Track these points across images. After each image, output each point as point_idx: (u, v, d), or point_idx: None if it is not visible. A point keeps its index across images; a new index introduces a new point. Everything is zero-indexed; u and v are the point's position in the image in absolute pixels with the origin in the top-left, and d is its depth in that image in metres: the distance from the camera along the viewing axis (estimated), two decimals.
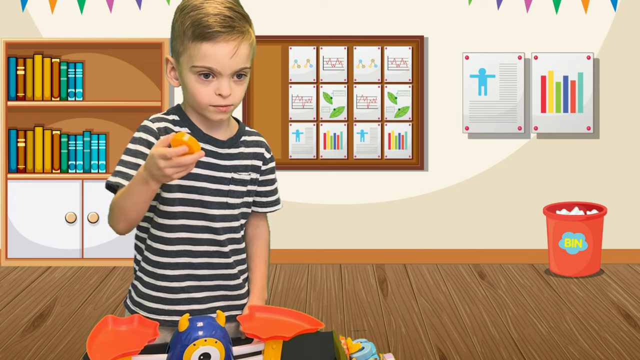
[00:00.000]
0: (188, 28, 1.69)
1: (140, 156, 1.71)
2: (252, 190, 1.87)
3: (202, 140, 1.78)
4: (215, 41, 1.68)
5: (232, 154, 1.82)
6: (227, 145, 1.81)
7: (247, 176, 1.84)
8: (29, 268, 5.03)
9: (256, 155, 1.86)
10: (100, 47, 5.20)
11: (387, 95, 5.20)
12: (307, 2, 5.19)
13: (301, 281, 4.80)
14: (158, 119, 1.78)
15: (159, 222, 1.79)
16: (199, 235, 1.79)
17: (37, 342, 3.70)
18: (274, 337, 1.58)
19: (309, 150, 5.21)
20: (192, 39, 1.69)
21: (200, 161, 1.75)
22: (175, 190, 1.76)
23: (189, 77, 1.72)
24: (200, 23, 1.68)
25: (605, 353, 3.55)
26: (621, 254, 5.18)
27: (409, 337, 3.78)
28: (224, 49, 1.69)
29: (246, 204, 1.86)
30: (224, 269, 1.83)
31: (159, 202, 1.79)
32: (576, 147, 5.20)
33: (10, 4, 5.20)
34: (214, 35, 1.68)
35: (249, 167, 1.85)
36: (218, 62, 1.69)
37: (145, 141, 1.73)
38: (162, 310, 1.83)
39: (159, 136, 1.74)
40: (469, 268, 5.07)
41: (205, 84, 1.71)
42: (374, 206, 5.25)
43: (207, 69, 1.69)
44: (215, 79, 1.71)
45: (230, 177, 1.80)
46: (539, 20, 5.19)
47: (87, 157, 5.17)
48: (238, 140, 1.83)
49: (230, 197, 1.81)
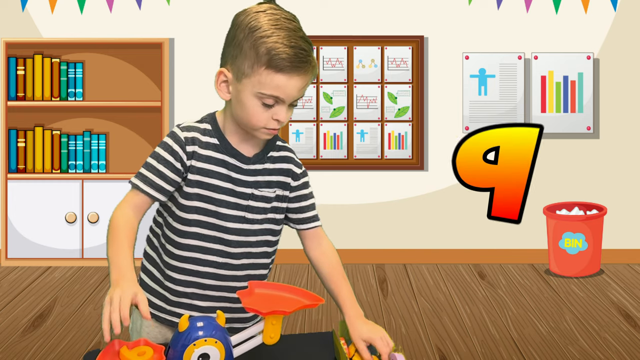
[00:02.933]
0: (263, 54, 1.66)
1: (162, 162, 1.74)
2: (279, 207, 1.85)
3: (229, 154, 1.78)
4: (290, 75, 1.68)
5: (255, 170, 1.81)
6: (252, 162, 1.80)
7: (271, 193, 1.82)
8: (29, 268, 5.03)
9: (282, 171, 1.85)
10: (100, 47, 5.20)
11: (387, 95, 5.20)
12: (307, 2, 5.19)
13: (301, 281, 4.80)
14: (188, 128, 1.78)
15: (172, 224, 1.80)
16: (209, 245, 1.79)
17: (37, 342, 3.70)
18: (274, 312, 1.57)
19: (309, 150, 5.21)
20: (266, 66, 1.67)
21: (222, 174, 1.77)
22: (193, 198, 1.77)
23: (250, 100, 1.71)
24: (279, 55, 1.66)
25: (605, 353, 3.55)
26: (621, 254, 5.18)
27: (409, 337, 3.78)
28: (297, 83, 1.69)
29: (271, 220, 1.84)
30: (232, 282, 1.82)
31: (175, 206, 1.80)
32: (576, 147, 5.20)
33: (10, 4, 5.20)
34: (290, 71, 1.67)
35: (273, 183, 1.83)
36: (287, 94, 1.69)
37: (170, 148, 1.75)
38: (164, 309, 1.84)
39: (185, 146, 1.75)
40: (469, 268, 5.07)
41: (266, 109, 1.71)
42: (374, 206, 5.25)
43: (274, 98, 1.69)
44: (276, 105, 1.71)
45: (250, 193, 1.80)
46: (539, 20, 5.19)
47: (87, 157, 5.17)
48: (264, 156, 1.82)
49: (249, 212, 1.80)
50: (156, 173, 1.75)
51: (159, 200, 1.76)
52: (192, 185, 1.77)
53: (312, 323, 3.97)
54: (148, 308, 1.53)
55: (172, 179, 1.75)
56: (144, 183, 1.74)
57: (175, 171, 1.75)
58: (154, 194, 1.75)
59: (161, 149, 1.76)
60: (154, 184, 1.74)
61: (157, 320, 1.86)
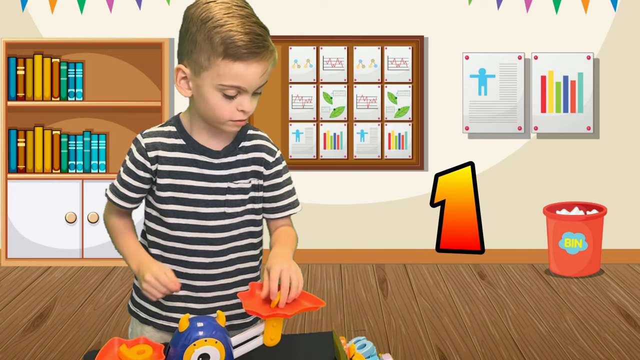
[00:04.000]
0: (218, 45, 1.63)
1: (126, 172, 1.78)
2: (256, 197, 1.82)
3: (197, 152, 1.76)
4: (248, 62, 1.64)
5: (228, 163, 1.78)
6: (222, 155, 1.77)
7: (247, 184, 1.79)
8: (29, 268, 5.03)
9: (255, 160, 1.81)
10: (100, 47, 5.20)
11: (387, 95, 5.20)
12: (307, 2, 5.19)
13: None
14: (149, 134, 1.79)
15: (156, 229, 1.80)
16: (193, 247, 1.78)
17: (37, 342, 3.70)
18: (275, 315, 1.57)
19: (309, 150, 5.21)
20: (223, 56, 1.63)
21: (193, 173, 1.75)
22: (169, 202, 1.77)
23: (211, 93, 1.67)
24: (234, 42, 1.62)
25: (605, 353, 3.55)
26: (621, 254, 5.18)
27: (409, 337, 3.78)
28: (257, 70, 1.65)
29: (252, 210, 1.82)
30: (224, 279, 1.81)
31: (156, 211, 1.79)
32: (576, 147, 5.20)
33: (10, 4, 5.20)
34: (249, 57, 1.63)
35: (248, 173, 1.80)
36: (247, 82, 1.66)
37: (133, 157, 1.78)
38: (159, 315, 1.84)
39: (146, 152, 1.76)
40: (469, 268, 5.07)
41: (229, 100, 1.68)
42: (374, 206, 5.25)
43: (235, 88, 1.66)
44: (239, 95, 1.68)
45: (227, 187, 1.77)
46: (539, 20, 5.18)
47: (87, 157, 5.17)
48: (235, 148, 1.79)
49: (229, 207, 1.78)
50: (122, 183, 1.79)
51: (130, 208, 1.81)
52: (165, 189, 1.76)
53: (312, 323, 3.97)
54: (175, 277, 1.71)
55: (139, 187, 1.78)
56: (114, 194, 1.80)
57: (139, 179, 1.77)
58: (124, 205, 1.80)
59: (127, 159, 1.78)
60: (121, 194, 1.79)
61: (154, 327, 1.85)
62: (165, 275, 1.69)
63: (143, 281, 1.70)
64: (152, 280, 1.68)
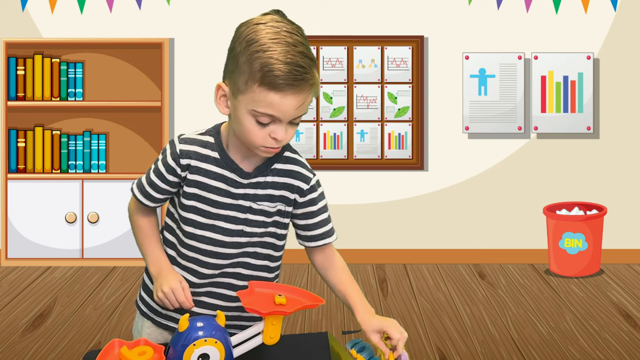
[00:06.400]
0: (256, 71, 1.58)
1: (156, 173, 1.77)
2: (282, 222, 1.79)
3: (229, 169, 1.73)
4: (284, 93, 1.58)
5: (255, 183, 1.74)
6: (252, 176, 1.74)
7: (271, 207, 1.76)
8: (29, 268, 5.03)
9: (286, 186, 1.76)
10: (100, 47, 5.20)
11: (387, 95, 5.20)
12: (307, 2, 5.19)
13: (301, 281, 4.80)
14: (187, 140, 1.75)
15: (175, 230, 1.81)
16: (205, 259, 1.77)
17: (37, 342, 3.70)
18: (274, 313, 1.56)
19: (309, 150, 5.20)
20: (259, 83, 1.58)
21: (220, 189, 1.73)
22: (191, 211, 1.76)
23: (246, 117, 1.63)
24: (272, 71, 1.57)
25: (605, 353, 3.55)
26: (621, 254, 5.18)
27: (409, 337, 3.78)
28: (292, 102, 1.60)
29: (274, 235, 1.79)
30: (228, 292, 1.80)
31: (177, 216, 1.79)
32: (576, 147, 5.20)
33: (10, 4, 5.20)
34: (285, 89, 1.58)
35: (276, 197, 1.76)
36: (282, 112, 1.60)
37: (165, 160, 1.75)
38: (161, 313, 1.84)
39: (179, 159, 1.73)
40: (469, 268, 5.07)
41: (262, 127, 1.63)
42: (374, 206, 5.25)
43: (269, 116, 1.61)
44: (273, 124, 1.63)
45: (248, 206, 1.74)
46: (539, 20, 5.18)
47: (87, 157, 5.17)
48: (267, 169, 1.74)
49: (247, 226, 1.75)
50: (149, 182, 1.78)
51: (154, 207, 1.81)
52: (190, 197, 1.75)
53: (312, 323, 3.97)
54: (190, 295, 1.75)
55: (165, 189, 1.77)
56: (140, 192, 1.80)
57: (167, 182, 1.76)
58: (148, 203, 1.80)
59: (159, 159, 1.77)
60: (146, 193, 1.79)
61: (153, 323, 1.86)
62: (182, 292, 1.73)
63: (160, 291, 1.73)
64: (170, 294, 1.73)
